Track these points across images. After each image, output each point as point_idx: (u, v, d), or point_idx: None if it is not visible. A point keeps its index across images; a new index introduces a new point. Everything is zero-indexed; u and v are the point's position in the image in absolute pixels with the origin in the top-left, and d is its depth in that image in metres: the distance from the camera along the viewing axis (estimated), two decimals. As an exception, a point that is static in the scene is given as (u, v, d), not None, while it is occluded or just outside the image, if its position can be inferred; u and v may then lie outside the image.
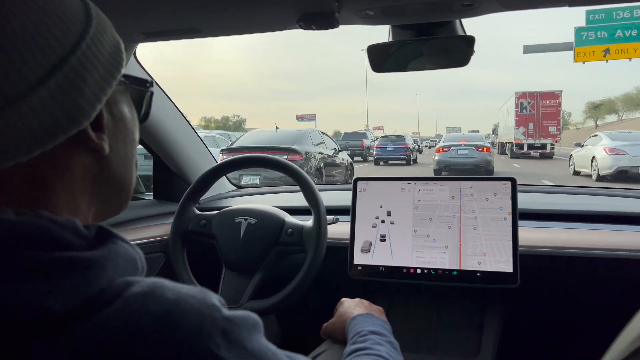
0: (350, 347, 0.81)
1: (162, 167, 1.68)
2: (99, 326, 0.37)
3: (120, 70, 0.46)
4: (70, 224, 0.41)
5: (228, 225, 1.27)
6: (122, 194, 0.51)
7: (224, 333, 0.40)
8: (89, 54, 0.42)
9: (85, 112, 0.42)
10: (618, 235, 1.25)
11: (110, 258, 0.42)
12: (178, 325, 0.38)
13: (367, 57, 1.12)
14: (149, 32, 1.09)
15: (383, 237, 1.26)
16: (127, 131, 0.50)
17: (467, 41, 1.05)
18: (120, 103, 0.49)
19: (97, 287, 0.39)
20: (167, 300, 0.39)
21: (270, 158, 1.34)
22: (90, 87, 0.42)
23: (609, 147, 11.45)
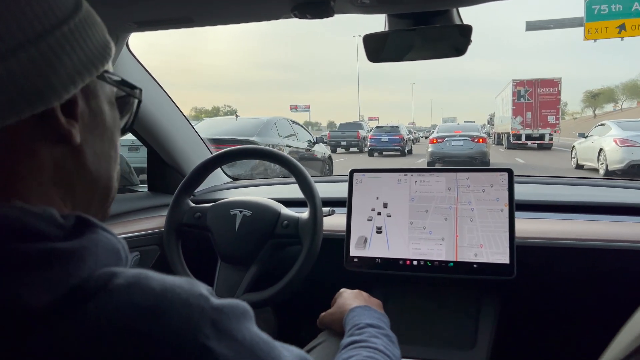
0: (347, 339, 0.80)
1: (157, 159, 1.66)
2: (83, 320, 0.36)
3: (104, 63, 0.46)
4: (47, 213, 0.40)
5: (223, 218, 1.26)
6: (98, 196, 0.50)
7: (213, 323, 0.39)
8: (70, 38, 0.43)
9: (56, 91, 0.41)
10: (615, 226, 1.24)
11: (90, 248, 0.40)
12: (165, 316, 0.37)
13: (363, 46, 1.11)
14: (141, 21, 1.07)
15: (379, 229, 1.25)
16: (105, 129, 0.49)
17: (464, 30, 1.03)
18: (101, 99, 0.48)
19: (77, 279, 0.38)
20: (153, 291, 0.38)
21: (266, 149, 1.33)
22: (66, 69, 0.42)
23: (619, 138, 9.91)
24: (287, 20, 1.06)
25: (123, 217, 1.48)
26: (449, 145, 12.24)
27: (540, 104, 20.83)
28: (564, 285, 1.28)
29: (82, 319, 0.36)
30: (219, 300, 0.41)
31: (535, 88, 20.94)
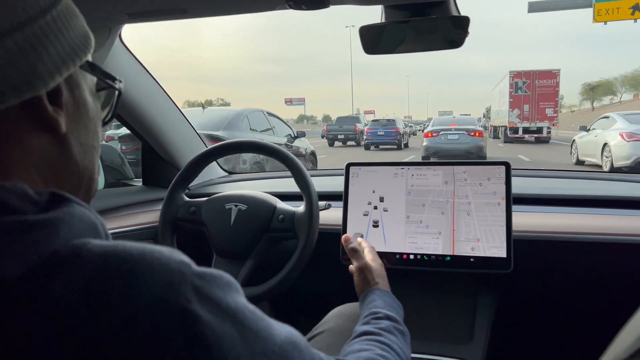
0: (362, 327, 0.78)
1: (151, 152, 1.65)
2: (56, 287, 0.35)
3: (86, 54, 0.47)
4: (18, 188, 0.39)
5: (218, 212, 1.25)
6: (82, 184, 0.50)
7: (195, 288, 0.38)
8: (53, 27, 0.43)
9: (43, 79, 0.42)
10: (613, 220, 1.24)
11: (64, 219, 0.40)
12: (144, 280, 0.36)
13: (360, 38, 1.09)
14: (133, 12, 1.05)
15: (376, 223, 1.24)
16: (88, 119, 0.49)
17: (461, 22, 1.02)
18: (83, 89, 0.49)
19: (50, 248, 0.37)
20: (131, 255, 0.37)
21: (260, 143, 1.32)
22: (51, 56, 0.43)
23: (627, 132, 8.99)
24: (284, 13, 1.04)
25: (117, 211, 1.47)
26: (444, 139, 11.92)
27: (539, 97, 20.37)
28: (561, 279, 1.28)
29: (55, 286, 0.35)
30: (201, 268, 0.41)
31: (533, 80, 20.49)
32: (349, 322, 0.98)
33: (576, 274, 1.25)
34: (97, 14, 1.05)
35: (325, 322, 1.00)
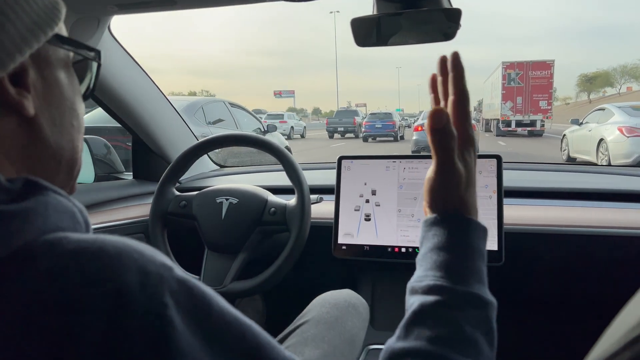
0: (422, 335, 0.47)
1: (141, 146, 1.63)
2: (24, 284, 0.33)
3: (53, 27, 0.43)
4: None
5: (209, 206, 1.24)
6: (61, 167, 0.46)
7: (173, 293, 0.35)
8: (10, 2, 0.39)
9: (1, 61, 0.38)
10: (603, 212, 1.24)
11: (38, 209, 0.37)
12: (115, 281, 0.34)
13: (351, 31, 1.08)
14: (122, 3, 1.04)
15: (368, 217, 1.24)
16: (63, 98, 0.46)
17: (454, 14, 1.01)
18: (55, 67, 0.45)
19: (21, 241, 0.35)
20: (106, 254, 0.35)
21: (252, 136, 1.31)
22: (9, 35, 0.39)
23: (626, 127, 7.79)
24: (274, 4, 1.03)
25: (108, 205, 1.45)
26: None
27: (532, 88, 19.78)
28: (552, 271, 1.28)
29: (23, 283, 0.33)
30: (184, 275, 0.38)
31: (526, 71, 19.88)
32: (333, 310, 0.97)
33: (567, 266, 1.26)
34: (86, 4, 1.04)
35: (309, 311, 0.98)
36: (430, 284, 0.50)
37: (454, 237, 0.53)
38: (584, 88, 66.17)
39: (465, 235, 0.53)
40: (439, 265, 0.51)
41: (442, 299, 0.49)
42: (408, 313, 0.50)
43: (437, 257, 0.52)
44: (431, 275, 0.51)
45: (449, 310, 0.48)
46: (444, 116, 0.52)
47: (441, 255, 0.52)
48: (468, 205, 0.55)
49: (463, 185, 0.54)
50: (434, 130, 0.53)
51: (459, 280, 0.50)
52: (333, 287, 1.12)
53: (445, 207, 0.54)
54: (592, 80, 63.34)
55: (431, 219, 0.55)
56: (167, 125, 1.63)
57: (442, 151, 0.53)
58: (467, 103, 0.55)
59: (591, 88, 64.32)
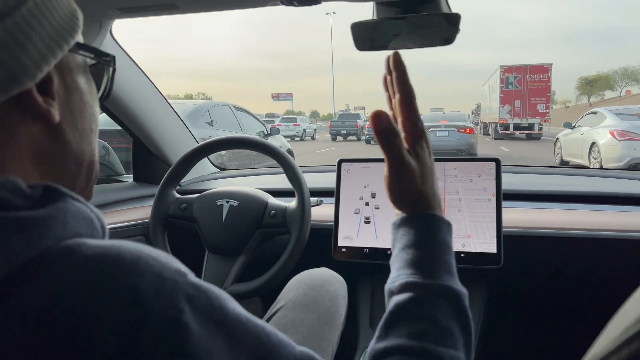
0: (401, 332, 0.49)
1: (142, 148, 1.64)
2: (45, 288, 0.34)
3: (74, 35, 0.44)
4: (10, 182, 0.38)
5: (209, 209, 1.25)
6: (82, 169, 0.48)
7: (189, 299, 0.36)
8: (36, 13, 0.40)
9: (30, 72, 0.40)
10: (601, 215, 1.25)
11: (58, 216, 0.38)
12: (133, 287, 0.35)
13: (352, 35, 1.09)
14: (125, 7, 1.05)
15: (367, 219, 1.25)
16: (83, 104, 0.47)
17: (453, 19, 1.02)
18: (75, 73, 0.46)
19: (42, 246, 0.36)
20: (124, 261, 0.36)
21: (252, 139, 1.31)
22: (36, 46, 0.40)
23: (618, 130, 7.81)
24: (274, 9, 1.04)
25: (108, 207, 1.46)
26: (433, 136, 11.37)
27: (530, 92, 19.88)
28: (551, 274, 1.29)
29: (44, 287, 0.34)
30: (198, 280, 0.39)
31: (524, 74, 20.01)
32: (309, 290, 0.96)
33: (565, 269, 1.26)
34: (88, 8, 1.05)
35: (285, 293, 0.97)
36: (402, 282, 0.52)
37: (420, 234, 0.55)
38: (584, 91, 65.10)
39: (431, 231, 0.55)
40: (409, 263, 0.54)
41: (415, 295, 0.51)
42: (386, 313, 0.52)
43: (407, 256, 0.54)
44: (403, 273, 0.53)
45: (423, 305, 0.50)
46: (383, 117, 0.55)
47: (410, 254, 0.54)
48: (428, 197, 0.57)
49: (418, 179, 0.56)
50: (378, 132, 0.55)
51: (429, 274, 0.52)
52: None
53: (406, 204, 0.57)
54: (593, 83, 62.29)
55: (397, 221, 0.58)
56: (168, 128, 1.64)
57: (390, 150, 0.56)
58: (412, 100, 0.57)
59: (591, 91, 63.29)
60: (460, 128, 11.56)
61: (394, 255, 0.57)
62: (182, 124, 1.73)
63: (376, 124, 0.55)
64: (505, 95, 20.22)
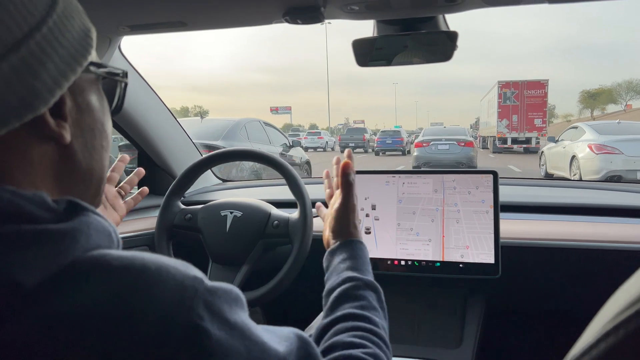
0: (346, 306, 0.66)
1: (147, 160, 1.67)
2: (75, 298, 0.36)
3: (87, 57, 0.45)
4: (37, 197, 0.40)
5: (214, 219, 1.27)
6: (91, 186, 0.49)
7: (206, 304, 0.39)
8: (50, 38, 0.41)
9: (43, 98, 0.40)
10: (598, 227, 1.28)
11: (82, 229, 0.41)
12: (159, 297, 0.37)
13: (353, 51, 1.13)
14: (135, 24, 1.08)
15: (368, 230, 1.27)
16: (94, 122, 0.48)
17: (451, 36, 1.06)
18: (87, 92, 0.47)
19: (69, 258, 0.38)
20: (148, 270, 0.38)
21: (255, 151, 1.34)
22: (50, 72, 0.41)
23: (595, 144, 8.29)
24: (278, 25, 1.08)
25: None
26: (434, 149, 11.95)
27: (527, 107, 20.41)
28: (548, 284, 1.31)
29: (75, 297, 0.36)
30: (212, 283, 0.42)
31: (521, 90, 20.53)
32: None
33: (562, 279, 1.29)
34: (100, 25, 1.08)
35: (315, 324, 1.00)
36: (344, 276, 0.71)
37: (354, 252, 0.77)
38: (586, 105, 63.77)
39: (361, 250, 0.78)
40: (348, 267, 0.74)
41: (355, 284, 0.70)
42: (330, 299, 0.69)
43: (345, 264, 0.75)
44: (344, 274, 0.72)
45: (359, 290, 0.69)
46: (351, 165, 0.84)
47: (347, 263, 0.75)
48: (357, 229, 0.82)
49: (355, 213, 0.83)
50: (344, 174, 0.83)
51: (363, 273, 0.73)
52: None
53: (346, 233, 0.81)
54: (595, 96, 61.05)
55: (334, 247, 0.80)
56: (172, 140, 1.67)
57: (349, 188, 0.83)
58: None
59: (594, 105, 62.03)
60: (460, 141, 11.86)
61: (330, 270, 0.77)
62: (186, 136, 1.76)
63: (346, 172, 0.83)
64: (503, 110, 20.69)
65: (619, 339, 0.29)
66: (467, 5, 0.96)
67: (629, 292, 0.31)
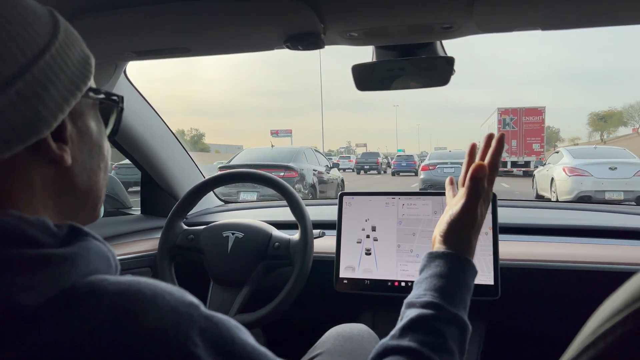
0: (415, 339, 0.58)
1: (150, 182, 1.69)
2: (72, 322, 0.37)
3: (87, 83, 0.47)
4: (40, 222, 0.41)
5: (216, 240, 1.28)
6: (87, 206, 0.51)
7: (202, 331, 0.39)
8: (52, 65, 0.43)
9: (47, 122, 0.42)
10: (595, 249, 1.29)
11: (82, 254, 0.42)
12: (153, 323, 0.38)
13: (352, 76, 1.16)
14: (140, 50, 1.12)
15: (368, 251, 1.28)
16: (93, 144, 0.50)
17: (448, 61, 1.09)
18: (86, 116, 0.49)
19: (68, 282, 0.39)
20: (144, 296, 0.39)
21: (256, 173, 1.36)
22: (53, 97, 0.42)
23: (568, 167, 9.08)
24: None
25: (116, 239, 1.50)
26: (440, 172, 12.47)
27: (525, 132, 21.23)
28: (547, 306, 1.31)
29: (72, 321, 0.37)
30: (209, 312, 0.42)
31: (520, 116, 21.36)
32: (347, 343, 0.98)
33: (561, 300, 1.29)
34: (106, 52, 1.12)
35: (323, 343, 1.00)
36: (428, 300, 0.62)
37: (454, 271, 0.65)
38: (596, 127, 60.79)
39: (462, 272, 0.66)
40: (437, 288, 0.63)
41: (437, 314, 0.60)
42: (405, 319, 0.61)
43: (436, 282, 0.64)
44: (429, 294, 0.63)
45: (439, 324, 0.60)
46: (485, 169, 0.67)
47: (440, 281, 0.64)
48: (471, 246, 0.68)
49: (475, 228, 0.69)
50: (474, 179, 0.67)
51: (452, 303, 0.62)
52: (334, 321, 1.15)
53: (454, 243, 0.68)
54: (606, 119, 58.53)
55: (438, 252, 0.68)
56: (176, 163, 1.69)
57: (474, 197, 0.67)
58: (497, 171, 0.71)
59: (604, 127, 59.17)
60: None
61: (422, 277, 0.67)
62: (189, 159, 1.78)
63: (477, 172, 0.67)
64: None
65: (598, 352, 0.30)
66: (462, 32, 0.99)
67: (609, 307, 0.32)
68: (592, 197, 8.71)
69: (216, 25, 0.96)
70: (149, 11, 0.90)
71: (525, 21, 0.92)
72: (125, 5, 0.89)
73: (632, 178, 8.64)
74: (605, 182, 8.66)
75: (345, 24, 0.95)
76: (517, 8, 0.86)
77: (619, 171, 8.74)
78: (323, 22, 0.93)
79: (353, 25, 0.95)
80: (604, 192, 8.65)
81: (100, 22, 0.93)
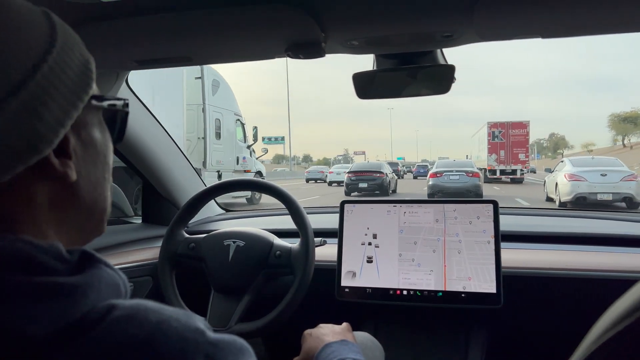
0: None
1: (151, 190, 1.69)
2: (80, 351, 0.36)
3: (88, 91, 0.43)
4: (53, 248, 0.40)
5: (217, 248, 1.28)
6: (94, 219, 0.49)
7: (207, 357, 0.39)
8: (51, 77, 0.39)
9: (47, 139, 0.39)
10: (597, 256, 1.28)
11: (93, 284, 0.41)
12: (160, 349, 0.37)
13: (353, 84, 1.16)
14: (142, 59, 1.12)
15: (370, 259, 1.28)
16: (97, 154, 0.47)
17: (448, 69, 1.09)
18: (90, 126, 0.46)
19: (79, 313, 0.38)
20: (150, 323, 0.38)
21: (259, 181, 1.36)
22: (53, 112, 0.39)
23: (568, 173, 11.38)
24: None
25: (116, 248, 1.49)
26: (446, 179, 13.97)
27: (512, 144, 24.06)
28: (550, 313, 1.31)
29: (79, 351, 0.36)
30: (215, 335, 0.41)
31: (507, 130, 24.21)
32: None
33: (564, 308, 1.28)
34: (108, 61, 1.12)
35: None
36: None
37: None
38: (618, 130, 54.89)
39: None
40: None
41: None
42: None
43: None
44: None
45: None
46: None
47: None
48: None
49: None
50: None
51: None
52: None
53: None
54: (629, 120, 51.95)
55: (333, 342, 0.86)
56: (177, 171, 1.69)
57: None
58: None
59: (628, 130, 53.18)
60: (468, 172, 14.10)
61: None
62: (190, 167, 1.78)
63: None
64: (492, 146, 24.44)
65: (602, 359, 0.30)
66: (463, 40, 0.99)
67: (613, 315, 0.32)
68: (586, 198, 10.80)
69: (218, 34, 0.97)
70: (151, 20, 0.90)
71: (525, 29, 0.92)
72: (128, 15, 0.89)
73: (619, 183, 10.85)
74: (597, 186, 10.81)
75: (346, 33, 0.95)
76: (517, 16, 0.86)
77: (609, 177, 10.89)
78: (324, 31, 0.93)
79: (354, 34, 0.96)
80: (596, 194, 10.79)
81: (103, 31, 0.94)
